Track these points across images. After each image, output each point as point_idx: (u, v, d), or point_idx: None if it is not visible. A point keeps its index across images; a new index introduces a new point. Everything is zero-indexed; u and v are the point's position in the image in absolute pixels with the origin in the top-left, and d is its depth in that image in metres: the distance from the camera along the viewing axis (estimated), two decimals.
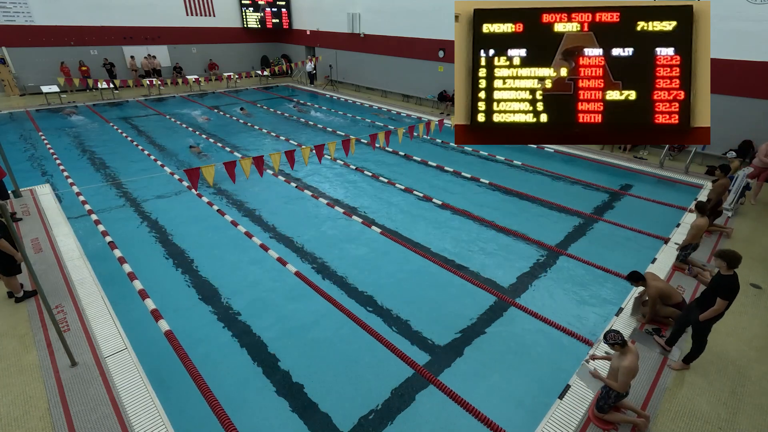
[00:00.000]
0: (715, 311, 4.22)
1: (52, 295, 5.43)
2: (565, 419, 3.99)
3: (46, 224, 7.28)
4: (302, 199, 9.03)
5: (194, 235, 7.42)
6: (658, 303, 5.17)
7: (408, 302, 5.82)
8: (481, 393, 4.38)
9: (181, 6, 20.81)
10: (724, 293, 4.16)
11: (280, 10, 23.36)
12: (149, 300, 5.52)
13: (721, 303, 4.17)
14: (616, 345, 3.71)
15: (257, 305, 5.70)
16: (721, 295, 4.17)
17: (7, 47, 16.87)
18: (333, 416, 4.11)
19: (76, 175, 9.78)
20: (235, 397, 4.26)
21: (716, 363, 4.74)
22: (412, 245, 7.18)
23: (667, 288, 5.20)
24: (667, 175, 10.43)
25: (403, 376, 4.55)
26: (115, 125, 14.16)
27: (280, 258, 6.64)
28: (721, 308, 4.19)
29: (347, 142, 7.81)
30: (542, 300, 5.89)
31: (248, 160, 6.49)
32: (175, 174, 9.91)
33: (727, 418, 4.10)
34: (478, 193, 9.57)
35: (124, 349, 4.64)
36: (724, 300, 4.15)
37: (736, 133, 10.43)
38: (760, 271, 6.47)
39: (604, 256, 6.87)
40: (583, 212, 8.51)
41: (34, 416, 3.88)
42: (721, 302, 4.16)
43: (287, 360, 4.79)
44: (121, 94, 18.65)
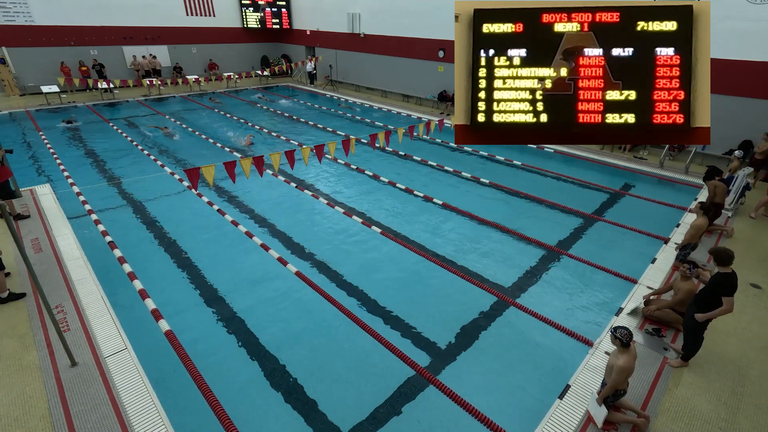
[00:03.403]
0: (725, 311, 4.20)
1: (52, 295, 5.43)
2: (565, 419, 3.99)
3: (46, 224, 7.28)
4: (302, 199, 9.03)
5: (194, 234, 7.42)
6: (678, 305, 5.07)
7: (407, 302, 5.82)
8: (481, 393, 4.38)
9: (181, 6, 20.81)
10: (726, 291, 4.17)
11: (280, 10, 23.36)
12: (149, 300, 5.52)
13: (727, 301, 4.16)
14: (618, 341, 3.72)
15: (257, 305, 5.70)
16: (724, 293, 4.17)
17: (7, 47, 16.87)
18: (333, 416, 4.11)
19: (76, 175, 9.78)
20: (235, 397, 4.26)
21: (716, 363, 4.74)
22: (412, 245, 7.18)
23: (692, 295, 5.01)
24: (667, 175, 10.43)
25: (402, 377, 4.55)
26: (114, 125, 14.17)
27: (281, 258, 6.64)
28: (730, 307, 4.18)
29: (347, 142, 7.81)
30: (542, 300, 5.89)
31: (248, 160, 6.48)
32: (175, 174, 9.91)
33: (727, 418, 4.09)
34: (478, 193, 9.57)
35: (124, 349, 4.64)
36: (729, 297, 4.16)
37: (736, 133, 10.43)
38: (760, 271, 6.47)
39: (604, 256, 6.87)
40: (583, 212, 8.51)
41: (34, 416, 3.87)
42: (728, 299, 4.16)
43: (287, 360, 4.79)
44: (121, 94, 18.65)
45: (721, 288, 4.20)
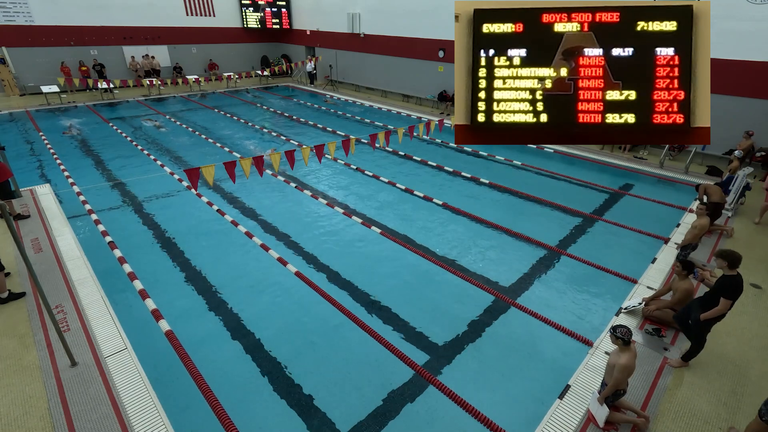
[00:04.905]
0: (719, 311, 4.22)
1: (52, 295, 5.43)
2: (565, 419, 3.99)
3: (46, 224, 7.28)
4: (302, 199, 9.03)
5: (194, 234, 7.42)
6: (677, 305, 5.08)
7: (407, 302, 5.82)
8: (480, 393, 4.37)
9: (181, 6, 20.82)
10: (727, 293, 4.17)
11: (280, 10, 23.37)
12: (149, 300, 5.52)
13: (724, 303, 4.18)
14: (619, 340, 3.72)
15: (257, 305, 5.70)
16: (724, 295, 4.18)
17: (7, 47, 16.87)
18: (333, 416, 4.11)
19: (76, 175, 9.78)
20: (235, 396, 4.26)
21: (716, 363, 4.74)
22: (412, 245, 7.18)
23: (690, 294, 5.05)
24: (667, 175, 10.43)
25: (402, 377, 4.55)
26: (114, 125, 14.17)
27: (281, 258, 6.63)
28: (725, 309, 4.19)
29: (347, 142, 7.80)
30: (542, 300, 5.89)
31: (248, 160, 6.48)
32: (174, 174, 9.91)
33: (727, 418, 4.09)
34: (478, 192, 9.57)
35: (124, 349, 4.64)
36: (728, 300, 4.17)
37: (736, 133, 10.43)
38: (761, 271, 6.47)
39: (603, 256, 6.87)
40: (583, 212, 8.51)
41: (34, 416, 3.87)
42: (725, 302, 4.17)
43: (287, 360, 4.79)
44: (121, 94, 18.65)
45: (724, 290, 4.21)
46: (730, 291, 4.17)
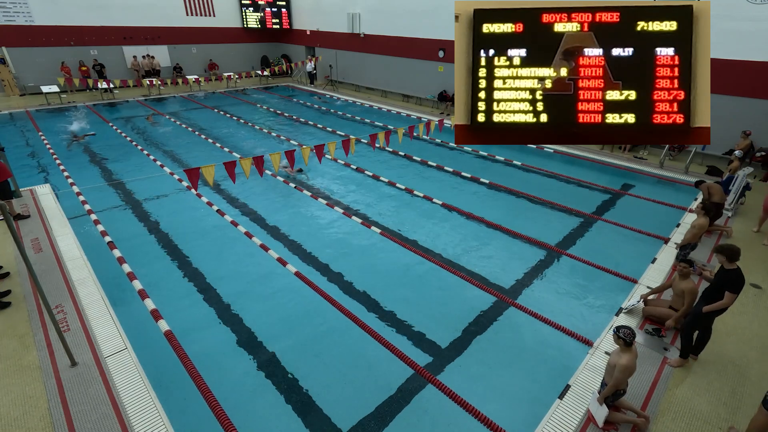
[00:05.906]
0: (724, 305, 4.26)
1: (52, 295, 5.43)
2: (565, 419, 3.99)
3: (46, 224, 7.28)
4: (302, 199, 9.03)
5: (194, 234, 7.42)
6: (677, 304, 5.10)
7: (407, 302, 5.82)
8: (480, 393, 4.38)
9: (181, 6, 20.81)
10: (731, 287, 4.20)
11: (280, 10, 23.36)
12: (149, 300, 5.52)
13: (729, 296, 4.21)
14: (621, 340, 3.72)
15: (257, 305, 5.70)
16: (729, 288, 4.21)
17: (7, 47, 16.86)
18: (333, 416, 4.11)
19: (75, 175, 9.78)
20: (234, 397, 4.27)
21: (716, 363, 4.74)
22: (412, 245, 7.18)
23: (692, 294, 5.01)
24: (667, 175, 10.42)
25: (402, 376, 4.55)
26: (114, 125, 14.16)
27: (281, 258, 6.63)
28: (730, 302, 4.23)
29: (347, 142, 7.80)
30: (542, 300, 5.88)
31: (248, 160, 6.48)
32: (174, 174, 9.91)
33: (727, 418, 4.09)
34: (478, 193, 9.57)
35: (124, 349, 4.64)
36: (733, 294, 4.20)
37: (736, 133, 10.42)
38: (761, 271, 6.47)
39: (603, 256, 6.87)
40: (583, 212, 8.51)
41: (34, 416, 3.87)
42: (730, 296, 4.21)
43: (287, 360, 4.78)
44: (121, 94, 18.65)
45: (726, 284, 4.24)
46: (733, 284, 4.20)
